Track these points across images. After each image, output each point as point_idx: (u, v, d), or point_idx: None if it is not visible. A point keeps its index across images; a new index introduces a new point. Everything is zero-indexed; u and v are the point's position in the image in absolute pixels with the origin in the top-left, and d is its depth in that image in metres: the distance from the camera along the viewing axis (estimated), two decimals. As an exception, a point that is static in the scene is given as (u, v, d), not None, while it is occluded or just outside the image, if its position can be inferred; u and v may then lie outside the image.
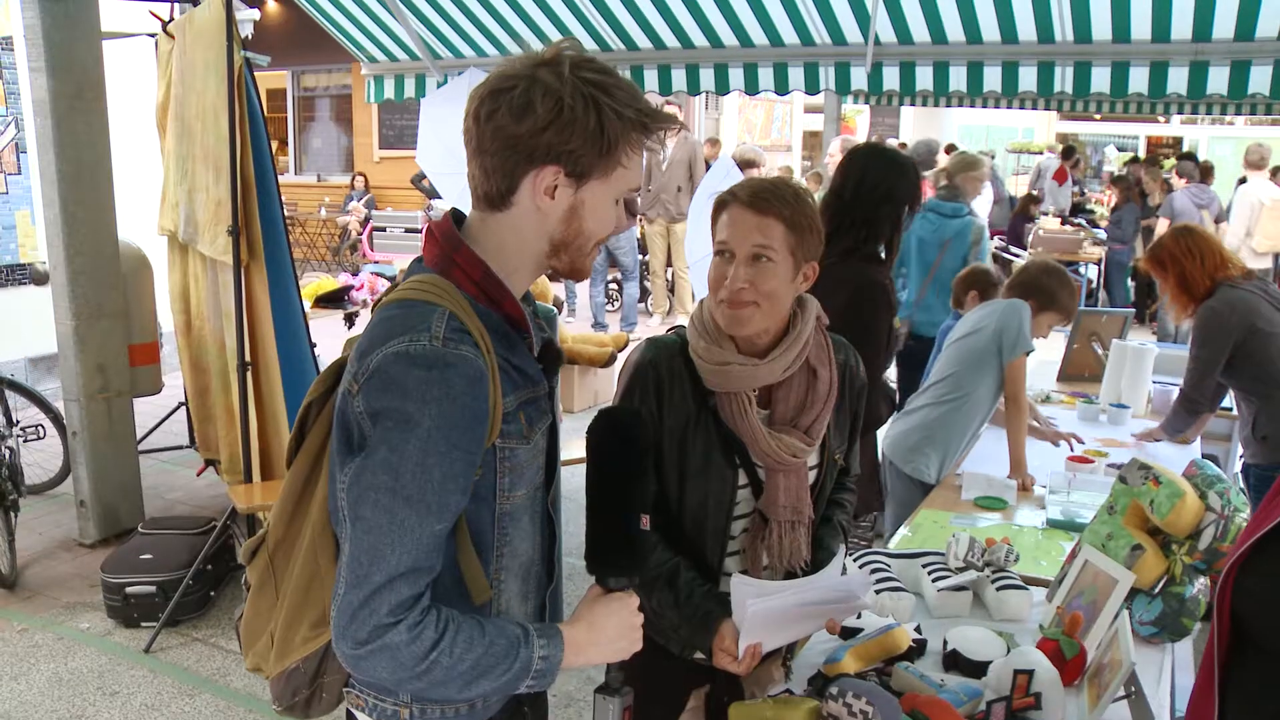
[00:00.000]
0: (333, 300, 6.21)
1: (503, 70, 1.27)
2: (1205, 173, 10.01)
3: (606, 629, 1.37)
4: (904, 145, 10.66)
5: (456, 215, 1.36)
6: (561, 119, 1.23)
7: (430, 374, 1.19)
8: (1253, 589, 1.23)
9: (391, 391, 1.20)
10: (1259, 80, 4.02)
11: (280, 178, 4.29)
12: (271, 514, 1.41)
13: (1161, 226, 8.78)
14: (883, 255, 2.92)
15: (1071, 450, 3.35)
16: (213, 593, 4.05)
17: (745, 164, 7.20)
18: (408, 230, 13.08)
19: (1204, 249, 3.37)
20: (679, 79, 5.37)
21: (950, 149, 8.03)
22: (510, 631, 1.29)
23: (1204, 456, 3.26)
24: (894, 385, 4.06)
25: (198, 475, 5.32)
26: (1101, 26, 4.24)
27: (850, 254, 2.81)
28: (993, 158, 17.78)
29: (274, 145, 4.29)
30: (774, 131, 16.91)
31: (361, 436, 1.23)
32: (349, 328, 6.52)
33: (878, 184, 2.83)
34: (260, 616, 1.43)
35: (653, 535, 1.73)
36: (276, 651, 1.39)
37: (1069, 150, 15.18)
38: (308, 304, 5.44)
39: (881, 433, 3.52)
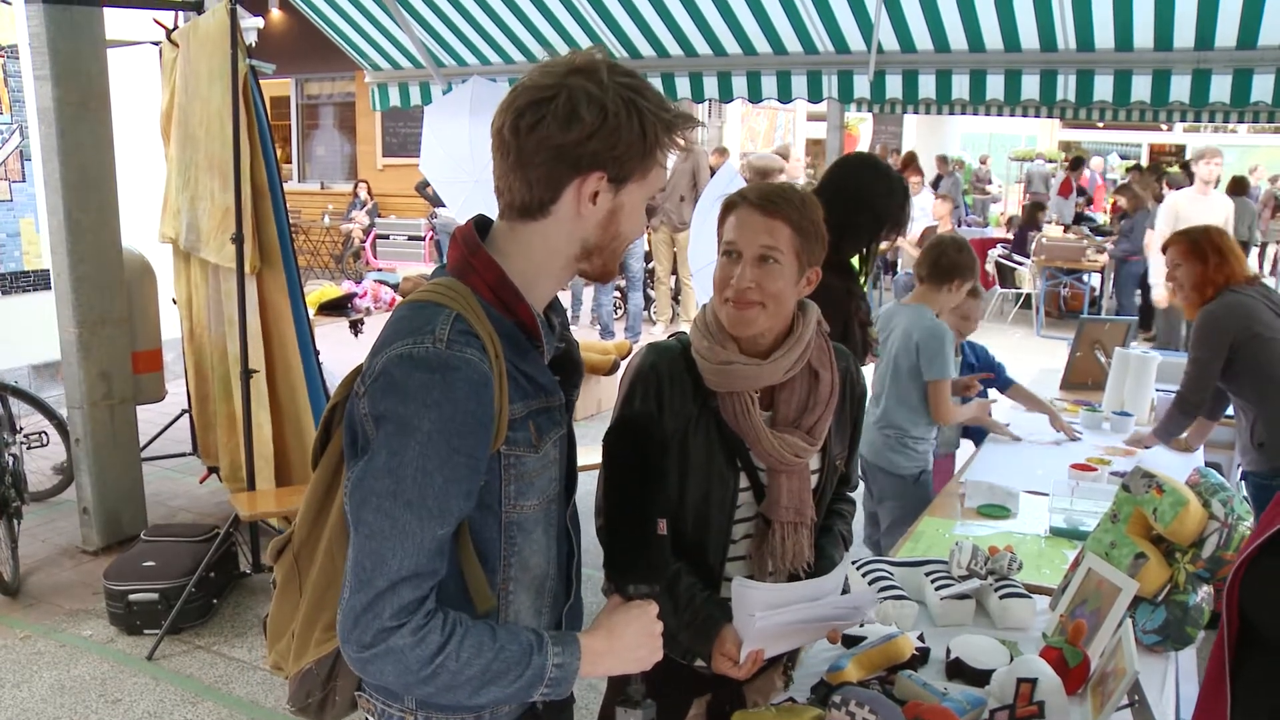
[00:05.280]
0: (336, 308, 6.23)
1: (534, 81, 1.26)
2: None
3: (625, 637, 1.35)
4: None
5: (481, 221, 1.36)
6: (608, 125, 1.23)
7: (432, 377, 1.18)
8: (1258, 588, 1.24)
9: (393, 394, 1.20)
10: (1261, 88, 4.02)
11: (284, 185, 4.30)
12: (298, 514, 1.42)
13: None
14: (856, 265, 2.72)
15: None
16: (215, 600, 4.04)
17: (764, 173, 7.13)
18: (411, 238, 13.14)
19: (1207, 247, 3.38)
20: (683, 86, 5.38)
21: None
22: (523, 638, 1.28)
23: (1207, 464, 3.27)
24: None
25: (200, 482, 5.33)
26: (1104, 35, 4.24)
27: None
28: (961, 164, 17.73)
29: (278, 153, 4.30)
30: (777, 139, 16.93)
31: (365, 439, 1.23)
32: (355, 335, 6.53)
33: (859, 192, 2.66)
34: (284, 615, 1.43)
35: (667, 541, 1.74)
36: (294, 651, 1.40)
37: (1077, 161, 15.09)
38: (311, 311, 5.45)
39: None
